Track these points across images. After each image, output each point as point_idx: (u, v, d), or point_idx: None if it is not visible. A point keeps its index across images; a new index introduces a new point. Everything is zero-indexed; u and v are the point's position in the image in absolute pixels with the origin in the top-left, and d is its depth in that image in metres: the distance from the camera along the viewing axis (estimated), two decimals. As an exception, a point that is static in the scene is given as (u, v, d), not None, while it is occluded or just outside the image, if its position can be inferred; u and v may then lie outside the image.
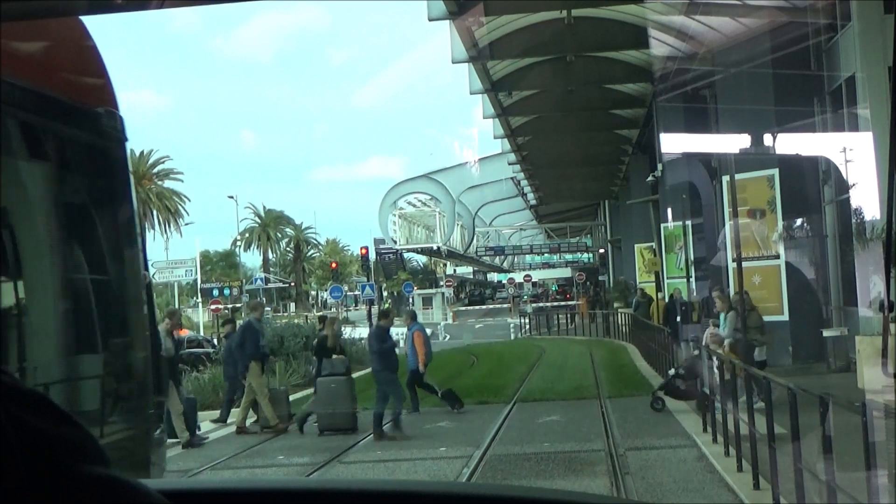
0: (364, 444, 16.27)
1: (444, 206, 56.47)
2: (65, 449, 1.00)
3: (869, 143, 17.88)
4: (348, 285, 78.71)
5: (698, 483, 11.58)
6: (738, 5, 22.84)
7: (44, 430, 0.99)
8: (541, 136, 41.00)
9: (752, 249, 23.18)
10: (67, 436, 1.01)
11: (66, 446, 1.00)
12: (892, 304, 10.49)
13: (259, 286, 70.23)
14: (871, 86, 17.79)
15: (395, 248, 63.71)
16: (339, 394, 17.59)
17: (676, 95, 26.63)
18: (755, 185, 23.34)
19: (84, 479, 0.99)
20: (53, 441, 0.99)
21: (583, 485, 11.84)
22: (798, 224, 24.48)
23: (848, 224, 20.51)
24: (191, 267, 61.19)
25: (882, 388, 10.17)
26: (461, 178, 54.22)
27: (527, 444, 15.16)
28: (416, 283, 70.25)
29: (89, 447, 1.02)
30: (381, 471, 13.83)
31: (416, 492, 2.09)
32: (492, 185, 56.12)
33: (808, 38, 21.37)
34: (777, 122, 21.65)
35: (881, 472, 7.40)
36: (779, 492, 9.45)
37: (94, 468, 1.01)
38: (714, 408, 14.05)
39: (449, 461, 14.19)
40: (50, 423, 1.00)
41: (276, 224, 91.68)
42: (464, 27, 24.95)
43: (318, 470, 14.02)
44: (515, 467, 13.50)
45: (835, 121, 21.13)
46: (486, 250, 70.75)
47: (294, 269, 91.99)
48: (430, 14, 23.24)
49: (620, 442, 14.59)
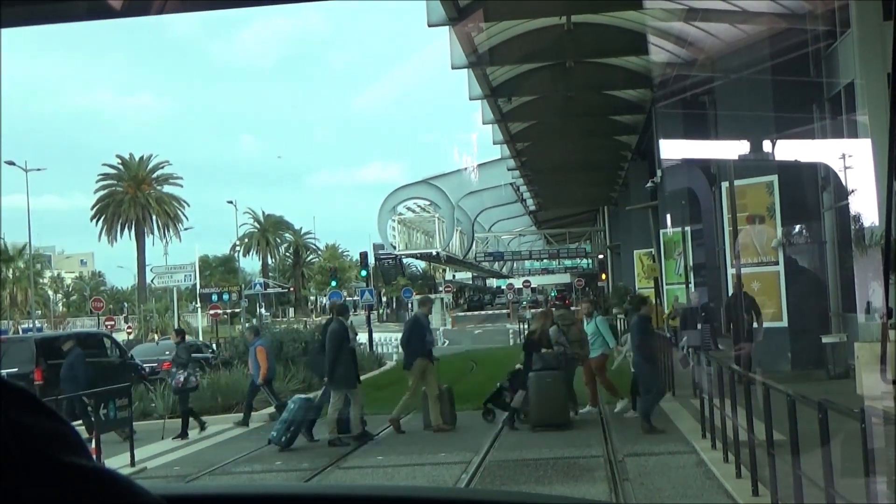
0: (363, 450, 16.26)
1: (444, 211, 56.51)
2: (49, 441, 1.04)
3: (868, 149, 17.89)
4: (347, 290, 78.68)
5: (697, 489, 11.57)
6: (737, 12, 22.85)
7: (28, 423, 1.04)
8: (540, 142, 41.02)
9: (751, 256, 23.19)
10: (51, 429, 1.06)
11: (50, 438, 1.04)
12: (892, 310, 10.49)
13: (258, 291, 70.21)
14: (870, 92, 17.81)
15: (395, 254, 63.71)
16: (553, 388, 17.08)
17: (676, 101, 26.66)
18: (754, 191, 23.35)
19: (68, 469, 1.04)
20: (38, 433, 1.04)
21: (581, 491, 11.83)
22: (797, 230, 24.49)
23: (847, 230, 20.52)
24: (190, 272, 61.22)
25: (881, 395, 10.17)
26: (460, 184, 54.27)
27: (526, 449, 15.16)
28: (415, 289, 70.21)
29: (72, 439, 1.07)
30: (381, 476, 13.83)
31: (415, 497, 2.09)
32: (491, 191, 56.16)
33: (807, 45, 21.39)
34: (776, 128, 21.67)
35: (880, 478, 7.40)
36: (777, 498, 9.45)
37: (78, 459, 1.05)
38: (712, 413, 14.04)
39: (448, 466, 14.19)
40: (34, 417, 1.05)
41: (276, 229, 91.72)
42: (463, 33, 24.96)
43: (316, 475, 14.01)
44: (514, 473, 13.49)
45: (834, 127, 21.14)
46: (485, 256, 70.76)
47: (293, 275, 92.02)
48: (430, 20, 23.25)
49: (619, 448, 14.59)
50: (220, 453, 16.90)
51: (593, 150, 42.62)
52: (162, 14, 2.10)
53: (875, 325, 17.69)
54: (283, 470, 14.81)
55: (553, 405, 16.99)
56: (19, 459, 0.99)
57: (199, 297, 64.13)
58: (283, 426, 16.81)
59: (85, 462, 1.06)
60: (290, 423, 16.82)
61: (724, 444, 12.73)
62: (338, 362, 16.95)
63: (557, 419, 16.91)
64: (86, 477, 1.05)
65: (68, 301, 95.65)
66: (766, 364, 20.82)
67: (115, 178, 77.42)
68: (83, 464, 1.06)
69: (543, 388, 16.99)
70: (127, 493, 1.08)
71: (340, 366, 16.95)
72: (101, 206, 76.44)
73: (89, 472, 1.06)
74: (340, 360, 16.96)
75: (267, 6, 13.12)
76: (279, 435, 16.70)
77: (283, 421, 16.94)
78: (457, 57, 26.89)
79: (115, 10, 2.06)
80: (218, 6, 3.16)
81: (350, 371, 17.19)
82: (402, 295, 64.91)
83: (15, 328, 62.92)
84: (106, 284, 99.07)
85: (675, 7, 23.27)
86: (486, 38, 26.21)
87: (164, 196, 77.34)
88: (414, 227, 62.21)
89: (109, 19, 2.18)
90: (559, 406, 17.10)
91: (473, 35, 25.63)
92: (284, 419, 16.96)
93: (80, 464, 1.06)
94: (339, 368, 16.95)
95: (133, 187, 75.59)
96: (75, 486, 1.03)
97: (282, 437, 16.66)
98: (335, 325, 17.53)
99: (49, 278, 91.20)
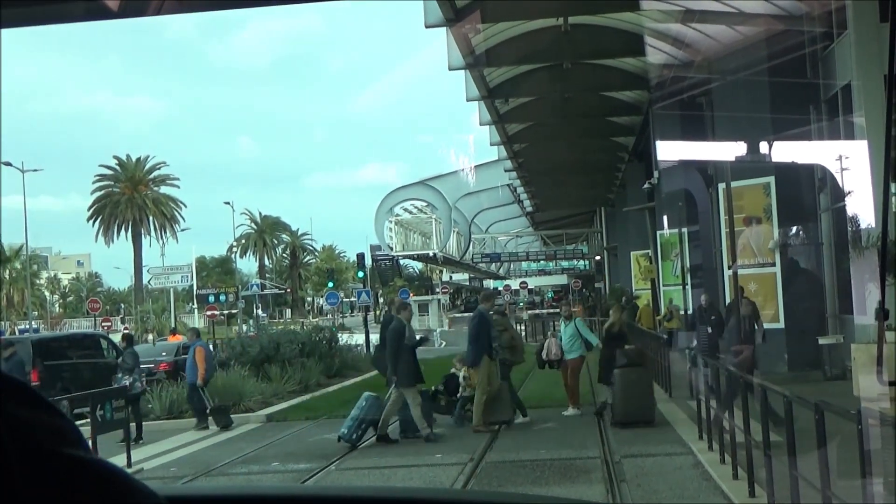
0: (359, 451, 16.26)
1: (441, 212, 56.49)
2: (47, 434, 1.05)
3: (864, 151, 17.91)
4: (344, 292, 78.68)
5: (694, 490, 11.57)
6: (734, 13, 22.86)
7: (26, 417, 1.04)
8: (537, 143, 41.00)
9: (748, 257, 23.20)
10: (49, 422, 1.07)
11: (48, 431, 1.05)
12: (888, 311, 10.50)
13: (255, 292, 70.22)
14: (866, 94, 17.83)
15: (392, 255, 63.72)
16: (639, 385, 16.90)
17: (673, 103, 26.66)
18: (751, 192, 23.37)
19: (66, 461, 1.05)
20: (36, 427, 1.04)
21: (578, 492, 11.83)
22: (794, 232, 24.51)
23: (844, 232, 20.53)
24: (186, 273, 61.29)
25: (878, 396, 10.19)
26: (457, 185, 54.24)
27: (522, 450, 15.16)
28: (412, 290, 70.23)
29: (69, 432, 1.08)
30: (377, 477, 13.82)
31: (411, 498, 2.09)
32: (488, 192, 56.12)
33: (804, 47, 21.41)
34: (773, 129, 21.69)
35: (877, 479, 7.41)
36: (774, 500, 9.45)
37: (76, 451, 1.06)
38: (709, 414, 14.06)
39: (444, 468, 14.18)
40: (32, 410, 1.06)
41: (273, 230, 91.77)
42: (460, 34, 24.95)
43: (313, 476, 14.00)
44: (511, 474, 13.49)
45: (830, 129, 21.16)
46: (482, 257, 70.73)
47: (290, 276, 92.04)
48: (427, 21, 23.23)
49: (616, 449, 14.59)
50: (217, 454, 16.89)
51: (590, 151, 42.62)
52: (159, 14, 2.10)
53: (872, 326, 17.70)
54: (281, 471, 14.81)
55: (639, 402, 16.84)
56: (17, 452, 1.00)
57: (195, 297, 64.15)
58: (353, 423, 16.59)
59: (83, 454, 1.07)
60: (362, 420, 16.64)
61: (720, 445, 12.74)
62: (398, 359, 16.77)
63: (643, 416, 16.75)
64: (84, 469, 1.06)
65: (65, 302, 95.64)
66: (763, 366, 20.84)
67: (111, 179, 77.44)
68: (81, 456, 1.07)
69: (629, 385, 16.86)
70: (124, 486, 1.09)
71: (399, 362, 16.75)
72: (97, 207, 76.44)
73: (87, 465, 1.07)
74: (400, 357, 16.79)
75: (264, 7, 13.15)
76: (350, 432, 16.50)
77: (353, 418, 16.70)
78: (454, 58, 26.88)
79: (112, 10, 2.06)
80: (215, 7, 3.16)
81: (410, 369, 16.92)
82: (399, 296, 64.88)
83: (11, 329, 62.86)
84: (103, 285, 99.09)
85: (671, 8, 23.28)
86: (483, 40, 26.21)
87: (160, 197, 77.38)
88: (411, 228, 62.22)
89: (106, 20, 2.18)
90: (645, 403, 16.98)
91: (471, 36, 25.62)
92: (355, 416, 16.74)
93: (78, 456, 1.06)
94: (399, 366, 16.74)
95: (130, 188, 75.61)
96: (73, 479, 1.04)
97: (352, 434, 16.49)
98: (395, 322, 17.33)
99: (46, 279, 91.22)
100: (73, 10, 2.12)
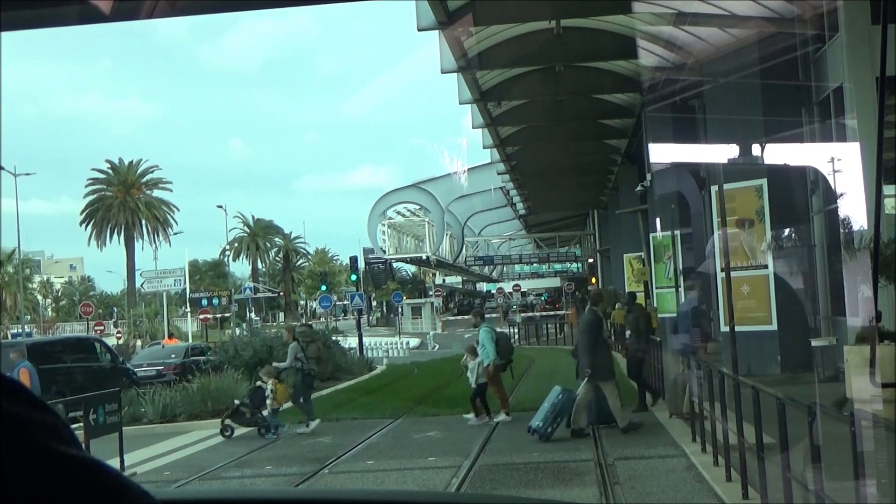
0: (353, 454, 16.25)
1: (433, 215, 56.54)
2: (39, 431, 1.06)
3: (856, 153, 17.94)
4: (337, 295, 78.61)
5: (687, 492, 11.58)
6: (726, 16, 22.91)
7: (18, 413, 1.05)
8: (530, 146, 41.03)
9: (740, 259, 23.21)
10: (41, 419, 1.08)
11: (40, 428, 1.06)
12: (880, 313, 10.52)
13: (248, 295, 70.12)
14: (858, 96, 17.85)
15: (385, 258, 63.73)
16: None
17: (665, 105, 26.69)
18: (744, 195, 23.39)
19: (57, 458, 1.06)
20: (28, 424, 1.06)
21: (572, 494, 11.83)
22: (786, 234, 24.53)
23: (836, 234, 20.56)
24: (179, 276, 61.09)
25: (870, 398, 10.20)
26: (450, 188, 54.28)
27: (516, 453, 15.16)
28: (405, 293, 70.21)
29: (62, 430, 1.09)
30: (371, 480, 13.81)
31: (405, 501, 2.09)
32: (481, 195, 56.19)
33: (796, 49, 21.44)
34: (765, 132, 21.71)
35: (869, 481, 7.42)
36: (767, 501, 9.47)
37: (68, 449, 1.08)
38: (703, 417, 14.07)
39: (438, 471, 14.18)
40: (24, 408, 1.07)
41: (265, 233, 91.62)
42: (453, 37, 24.96)
43: (307, 480, 13.99)
44: (504, 477, 13.49)
45: (822, 131, 21.19)
46: (475, 260, 70.81)
47: (283, 279, 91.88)
48: (420, 24, 23.24)
49: (609, 451, 14.60)
50: (211, 458, 16.87)
51: (583, 153, 42.65)
52: (151, 18, 2.10)
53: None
54: (274, 475, 14.79)
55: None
56: (9, 449, 1.01)
57: (188, 301, 64.00)
58: (548, 417, 16.35)
59: (75, 452, 1.08)
60: (557, 414, 16.40)
61: (713, 447, 12.76)
62: (595, 352, 16.56)
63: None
64: (75, 466, 1.07)
65: (58, 306, 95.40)
66: (755, 367, 20.87)
67: (104, 183, 77.28)
68: (73, 453, 1.08)
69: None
70: (114, 483, 1.10)
71: (596, 356, 16.52)
72: (90, 210, 76.29)
73: (78, 462, 1.08)
74: (597, 350, 16.61)
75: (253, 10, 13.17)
76: (545, 425, 16.27)
77: (548, 411, 16.47)
78: (446, 61, 26.89)
79: (104, 14, 2.06)
80: (206, 10, 3.16)
81: (605, 362, 16.74)
82: (392, 299, 64.86)
83: (4, 333, 62.70)
84: (95, 289, 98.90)
85: (664, 11, 23.32)
86: (475, 43, 26.22)
87: (153, 200, 77.24)
88: (404, 231, 62.27)
89: (98, 24, 2.18)
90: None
91: (463, 39, 25.63)
92: (547, 409, 16.48)
93: (69, 453, 1.07)
94: (596, 358, 16.50)
95: (122, 192, 75.48)
96: (64, 475, 1.05)
97: (547, 427, 16.25)
98: (589, 314, 17.12)
99: (38, 283, 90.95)
100: (66, 13, 2.12)
